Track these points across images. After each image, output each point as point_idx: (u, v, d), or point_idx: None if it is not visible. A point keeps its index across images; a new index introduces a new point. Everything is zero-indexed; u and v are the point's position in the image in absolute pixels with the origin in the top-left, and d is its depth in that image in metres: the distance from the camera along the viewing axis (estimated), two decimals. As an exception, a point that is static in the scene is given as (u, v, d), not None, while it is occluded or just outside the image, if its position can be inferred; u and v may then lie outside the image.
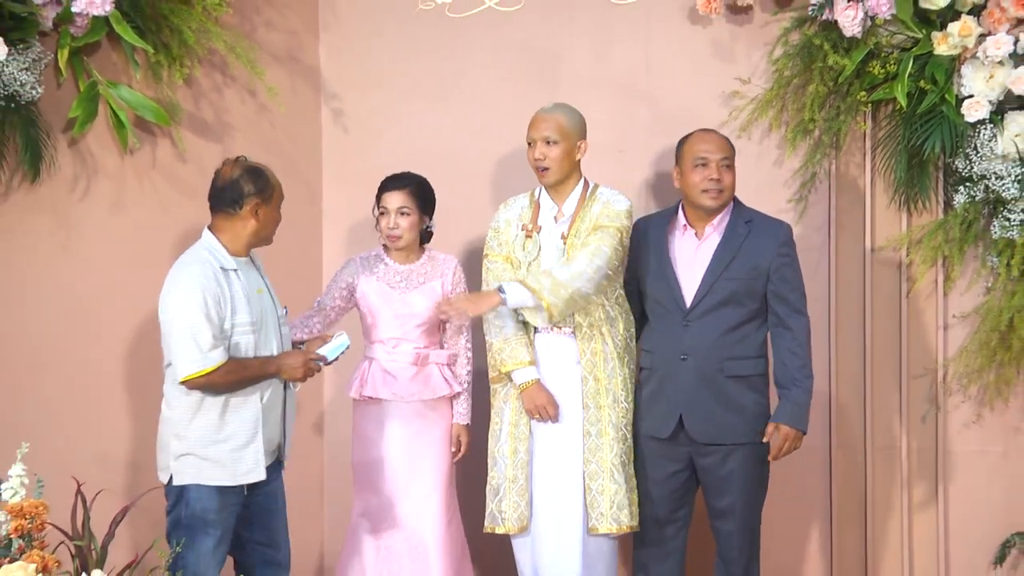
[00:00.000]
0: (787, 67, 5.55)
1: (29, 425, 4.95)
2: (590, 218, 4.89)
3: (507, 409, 4.91)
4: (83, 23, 5.18)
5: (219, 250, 4.43)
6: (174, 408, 4.40)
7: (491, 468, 4.97)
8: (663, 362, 4.82)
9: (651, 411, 4.88)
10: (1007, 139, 5.11)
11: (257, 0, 5.87)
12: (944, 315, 5.51)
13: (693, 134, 4.96)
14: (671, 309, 4.81)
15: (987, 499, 5.47)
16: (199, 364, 4.23)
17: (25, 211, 5.28)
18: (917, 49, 5.26)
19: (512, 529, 4.87)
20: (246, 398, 4.37)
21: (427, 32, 5.97)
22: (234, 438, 4.35)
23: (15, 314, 5.29)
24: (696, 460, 4.83)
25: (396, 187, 5.06)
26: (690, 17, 5.73)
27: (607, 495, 4.79)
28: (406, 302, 4.99)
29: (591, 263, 4.72)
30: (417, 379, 4.99)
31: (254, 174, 4.49)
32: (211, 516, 4.31)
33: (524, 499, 4.86)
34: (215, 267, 4.37)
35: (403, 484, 4.99)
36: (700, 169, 4.80)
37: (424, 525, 4.98)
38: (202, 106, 5.76)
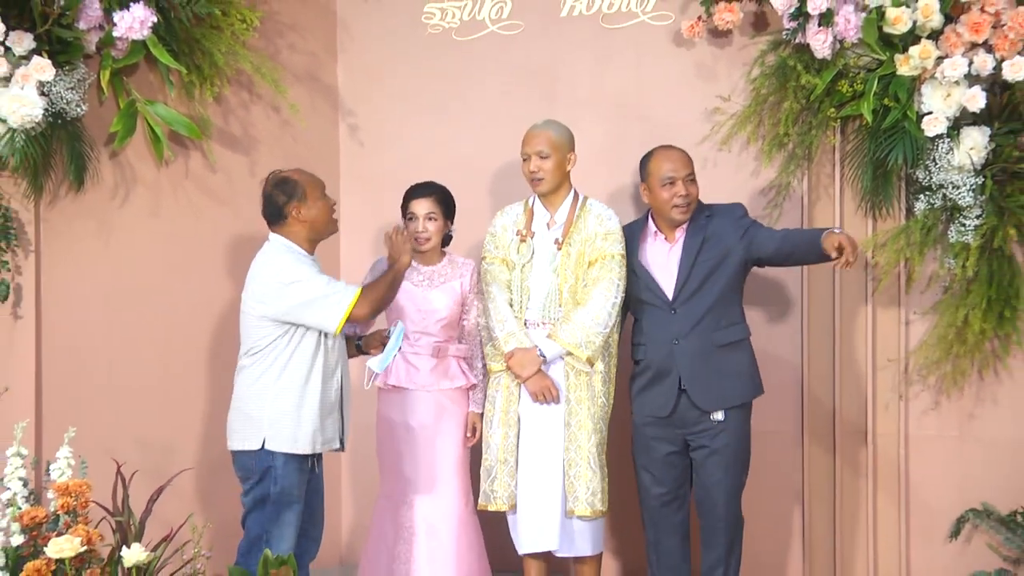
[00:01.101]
0: (764, 86, 5.54)
1: (74, 411, 5.02)
2: (585, 231, 4.90)
3: (499, 398, 4.93)
4: (123, 46, 5.23)
5: (296, 248, 4.53)
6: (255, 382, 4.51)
7: (485, 451, 4.99)
8: (657, 348, 4.84)
9: (650, 394, 4.88)
10: (963, 152, 5.10)
11: (280, 25, 5.88)
12: (906, 312, 5.50)
13: (656, 153, 4.97)
14: (657, 304, 4.85)
15: (944, 479, 5.46)
16: (346, 298, 4.38)
17: (71, 216, 5.32)
18: (881, 70, 5.24)
19: (503, 506, 4.89)
20: (324, 377, 4.47)
21: (435, 54, 5.99)
22: (314, 409, 4.42)
23: (62, 310, 5.32)
24: (690, 440, 4.86)
25: (424, 194, 5.05)
26: (675, 41, 5.73)
27: (583, 481, 4.82)
28: (428, 299, 5.01)
29: (608, 300, 4.82)
30: (437, 370, 5.01)
31: (281, 183, 4.53)
32: (295, 491, 4.42)
33: (513, 480, 4.89)
34: (299, 253, 4.51)
35: (423, 467, 5.00)
36: (668, 187, 4.84)
37: (441, 505, 4.98)
38: (230, 121, 5.78)
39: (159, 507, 4.14)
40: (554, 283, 4.89)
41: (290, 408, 4.41)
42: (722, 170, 5.65)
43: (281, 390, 4.43)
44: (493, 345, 4.97)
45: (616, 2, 5.81)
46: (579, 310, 4.82)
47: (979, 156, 5.11)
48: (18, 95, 4.88)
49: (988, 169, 5.16)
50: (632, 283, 4.92)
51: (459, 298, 5.06)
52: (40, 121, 4.95)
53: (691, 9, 5.67)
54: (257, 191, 5.72)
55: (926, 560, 5.51)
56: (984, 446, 5.38)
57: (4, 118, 4.92)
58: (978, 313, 5.15)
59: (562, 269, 4.89)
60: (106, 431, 5.02)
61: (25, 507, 3.92)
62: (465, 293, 5.09)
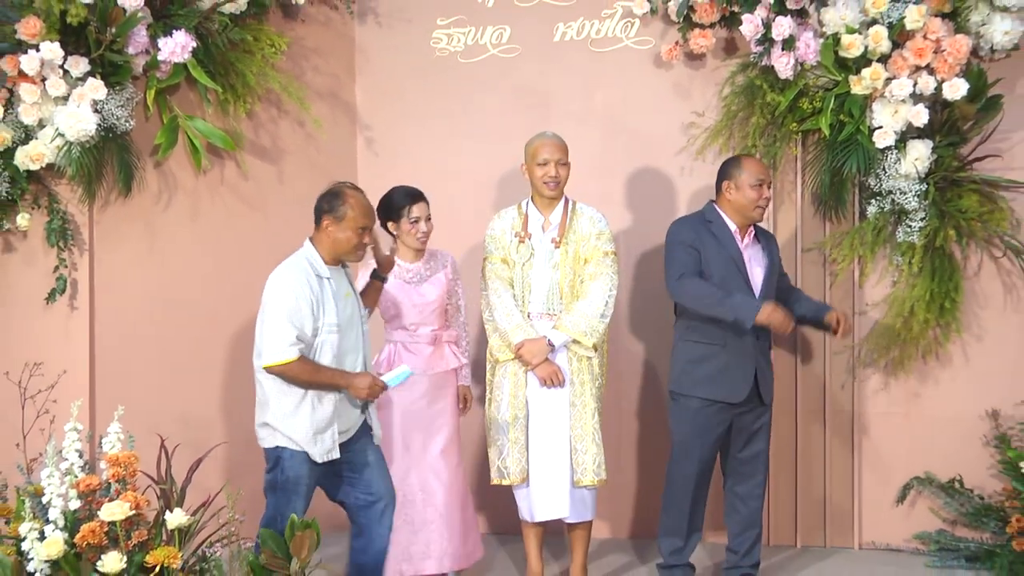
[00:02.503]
0: (733, 103, 5.56)
1: (124, 392, 5.02)
2: (579, 231, 4.86)
3: (506, 384, 4.88)
4: (166, 69, 5.24)
5: (317, 259, 4.22)
6: (264, 388, 4.25)
7: (492, 432, 4.92)
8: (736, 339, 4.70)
9: (722, 380, 4.72)
10: (909, 162, 5.12)
11: (305, 49, 5.88)
12: (859, 303, 5.51)
13: (747, 159, 4.85)
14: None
15: (892, 451, 5.49)
16: (278, 356, 4.07)
17: (120, 220, 5.35)
18: (837, 89, 5.25)
19: (515, 480, 4.83)
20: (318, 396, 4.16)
21: (442, 75, 5.99)
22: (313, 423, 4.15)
23: (112, 302, 5.35)
24: (735, 420, 4.80)
25: (422, 199, 4.93)
26: (656, 63, 5.74)
27: (590, 455, 4.80)
28: (421, 293, 4.92)
29: (606, 293, 4.79)
30: (434, 356, 4.97)
31: (331, 194, 4.26)
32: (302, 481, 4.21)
33: (524, 456, 4.84)
34: (311, 274, 4.16)
35: (422, 440, 4.96)
36: (757, 188, 4.73)
37: (439, 469, 4.95)
38: (260, 135, 5.78)
39: (198, 476, 4.13)
40: (554, 278, 4.85)
41: (290, 411, 4.18)
42: (697, 177, 5.66)
43: (281, 395, 4.20)
44: (500, 336, 4.89)
45: (603, 28, 5.81)
46: (580, 302, 4.79)
47: (923, 165, 5.13)
48: (74, 112, 4.92)
49: (931, 177, 5.19)
50: (723, 270, 4.73)
51: (446, 286, 4.99)
52: (93, 135, 4.98)
53: (669, 35, 5.68)
54: (284, 197, 5.81)
55: (876, 521, 5.54)
56: (927, 422, 5.41)
57: (62, 132, 4.96)
58: (922, 304, 5.18)
59: (561, 265, 4.86)
60: (151, 409, 5.02)
61: (81, 476, 3.90)
62: (449, 281, 5.02)
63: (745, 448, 4.88)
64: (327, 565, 4.15)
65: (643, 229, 5.74)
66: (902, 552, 5.45)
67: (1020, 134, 5.34)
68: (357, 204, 4.21)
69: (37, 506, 3.86)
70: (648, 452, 5.76)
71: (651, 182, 5.76)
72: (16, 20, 4.89)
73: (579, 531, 4.97)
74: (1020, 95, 5.36)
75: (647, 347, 5.81)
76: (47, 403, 4.71)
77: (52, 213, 5.21)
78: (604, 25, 5.81)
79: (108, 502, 3.78)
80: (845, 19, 5.15)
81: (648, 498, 5.59)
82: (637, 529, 5.83)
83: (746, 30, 5.30)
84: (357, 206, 4.20)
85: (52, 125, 5.01)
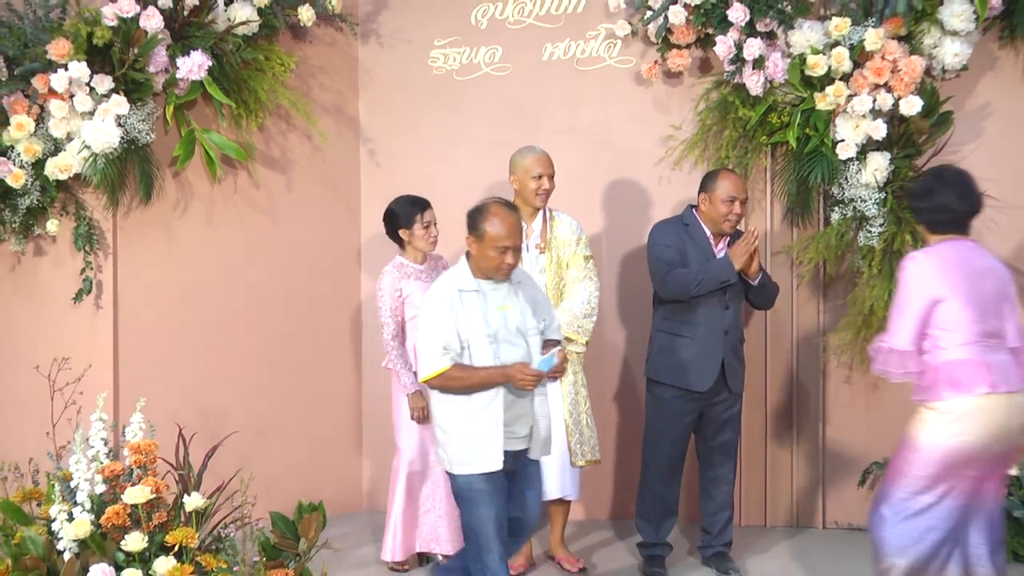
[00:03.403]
0: (708, 117, 5.57)
1: (145, 384, 5.07)
2: (560, 237, 4.89)
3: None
4: (184, 86, 5.25)
5: (463, 273, 3.88)
6: (434, 403, 3.98)
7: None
8: (709, 336, 4.73)
9: (692, 371, 4.73)
10: (869, 172, 5.15)
11: (313, 67, 5.88)
12: (824, 302, 5.56)
13: (723, 174, 4.81)
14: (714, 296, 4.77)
15: (853, 438, 5.52)
16: (431, 367, 3.79)
17: (141, 225, 5.37)
18: (804, 105, 5.27)
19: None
20: (486, 399, 3.81)
21: (439, 92, 5.99)
22: (477, 431, 3.81)
23: (134, 301, 5.36)
24: (705, 410, 4.82)
25: (430, 205, 4.90)
26: (636, 81, 5.75)
27: (585, 438, 4.88)
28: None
29: (591, 294, 4.88)
30: None
31: (475, 210, 3.91)
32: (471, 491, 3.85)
33: None
34: (453, 289, 3.85)
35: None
36: (728, 204, 4.72)
37: None
38: (271, 147, 5.78)
39: (213, 463, 4.15)
40: (542, 281, 4.86)
41: (453, 424, 3.89)
42: (675, 186, 5.68)
43: (444, 411, 3.92)
44: None
45: (588, 49, 5.82)
46: (567, 303, 4.85)
47: (882, 176, 5.16)
48: (99, 126, 4.94)
49: (889, 186, 5.22)
50: (698, 267, 4.74)
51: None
52: (117, 147, 5.00)
53: (649, 55, 5.70)
54: (293, 204, 5.81)
55: (840, 502, 5.58)
56: (885, 412, 5.43)
57: (89, 145, 4.98)
58: (881, 303, 5.16)
59: (548, 269, 4.89)
60: (170, 400, 5.05)
61: (106, 462, 3.93)
62: None
63: (716, 436, 4.92)
64: (333, 545, 4.15)
65: (624, 233, 5.77)
66: (863, 531, 5.38)
67: (969, 147, 5.38)
68: (497, 222, 3.80)
69: (66, 490, 3.89)
70: (626, 437, 5.79)
71: (632, 190, 5.78)
72: (47, 42, 4.91)
73: (563, 506, 5.02)
74: (969, 112, 5.42)
75: (627, 340, 5.84)
76: (74, 395, 4.74)
77: (79, 219, 5.24)
78: (589, 45, 5.82)
79: (131, 486, 3.80)
80: (810, 41, 5.18)
81: (627, 480, 5.62)
82: (617, 510, 5.86)
83: (720, 50, 5.32)
84: (497, 224, 3.79)
85: (79, 138, 5.03)
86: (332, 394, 6.00)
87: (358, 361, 6.09)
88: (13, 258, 5.39)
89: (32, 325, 5.38)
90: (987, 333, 3.69)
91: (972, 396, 3.61)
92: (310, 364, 5.90)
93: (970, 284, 3.70)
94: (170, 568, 3.65)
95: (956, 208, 3.79)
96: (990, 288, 3.74)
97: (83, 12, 5.00)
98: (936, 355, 3.71)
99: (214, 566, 3.75)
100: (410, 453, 4.93)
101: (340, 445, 6.02)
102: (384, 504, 5.42)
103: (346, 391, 6.05)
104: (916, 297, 3.71)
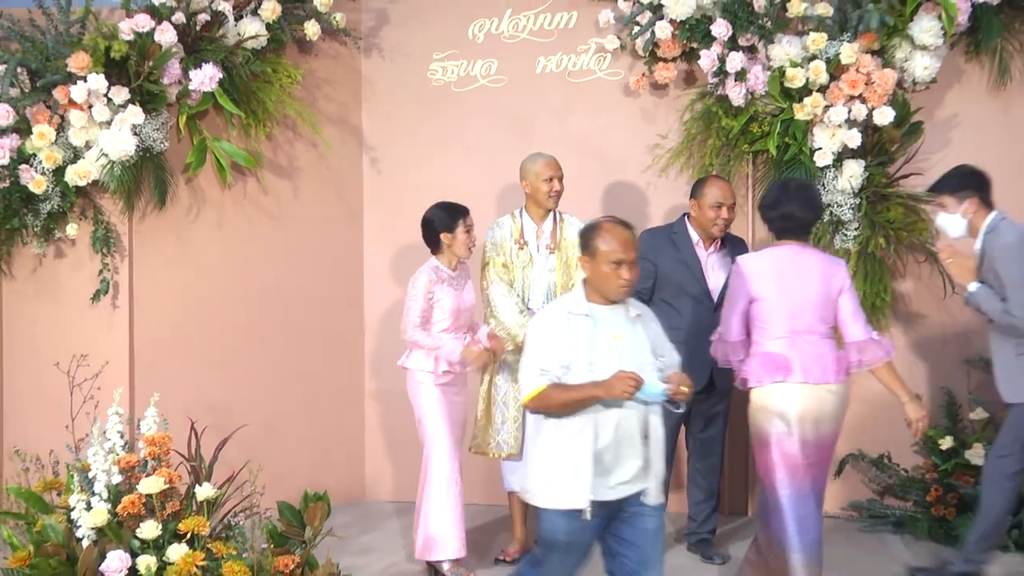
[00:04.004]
0: (693, 127, 5.58)
1: (159, 381, 5.06)
2: (569, 237, 4.87)
3: (506, 369, 4.86)
4: (196, 97, 5.27)
5: (577, 297, 3.48)
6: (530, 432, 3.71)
7: (491, 410, 4.86)
8: (697, 338, 4.56)
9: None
10: (844, 179, 5.17)
11: (318, 79, 5.88)
12: (802, 302, 5.57)
13: (711, 180, 4.87)
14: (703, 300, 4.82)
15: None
16: (529, 388, 3.40)
17: (156, 229, 5.37)
18: (783, 115, 5.28)
19: (515, 453, 4.81)
20: (578, 426, 3.36)
21: (438, 102, 6.00)
22: (563, 460, 3.38)
23: (149, 301, 5.37)
24: (694, 406, 4.81)
25: (469, 211, 4.77)
26: (625, 92, 5.77)
27: None
28: (463, 299, 4.72)
29: None
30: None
31: (586, 230, 3.52)
32: (558, 537, 3.41)
33: (521, 432, 4.83)
34: (562, 311, 3.44)
35: (458, 431, 4.77)
36: (716, 209, 4.77)
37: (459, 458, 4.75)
38: (278, 155, 5.79)
39: (223, 455, 4.14)
40: (551, 280, 4.88)
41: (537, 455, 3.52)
42: (662, 191, 5.69)
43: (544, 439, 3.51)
44: (503, 330, 4.82)
45: (579, 62, 5.83)
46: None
47: (856, 182, 5.18)
48: (116, 135, 4.96)
49: (863, 192, 5.24)
50: (680, 274, 4.80)
51: (474, 291, 4.86)
52: (133, 155, 5.01)
53: (637, 67, 5.72)
54: (299, 209, 5.81)
55: (817, 493, 5.59)
56: (860, 405, 5.30)
57: (106, 153, 4.99)
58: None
59: (557, 268, 4.89)
60: (183, 396, 5.02)
61: (122, 454, 3.92)
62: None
63: (704, 430, 4.96)
64: (337, 533, 4.15)
65: None
66: (838, 518, 5.50)
67: (939, 155, 5.40)
68: (609, 237, 3.40)
69: (84, 480, 3.89)
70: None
71: (621, 196, 5.79)
72: (67, 55, 4.93)
73: None
74: (938, 122, 5.46)
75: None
76: (92, 390, 4.74)
77: (97, 223, 5.25)
78: (580, 59, 5.84)
79: (146, 477, 3.81)
80: (789, 55, 5.21)
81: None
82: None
83: (704, 64, 5.34)
84: (608, 239, 3.40)
85: (97, 146, 5.04)
86: (335, 390, 6.01)
87: (360, 358, 6.10)
88: (35, 260, 5.41)
89: (52, 323, 5.39)
90: (799, 330, 3.93)
91: (784, 384, 3.89)
92: (315, 361, 5.90)
93: (787, 286, 3.95)
94: (183, 555, 3.66)
95: (799, 216, 4.01)
96: (810, 290, 3.95)
97: (101, 27, 5.02)
98: (756, 346, 4.01)
99: (224, 553, 3.75)
100: (443, 443, 4.70)
101: (343, 439, 6.04)
102: (385, 494, 5.47)
103: (349, 387, 6.06)
104: (739, 295, 4.03)
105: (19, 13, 5.20)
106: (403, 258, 5.87)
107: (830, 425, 3.96)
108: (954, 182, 4.42)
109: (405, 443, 5.91)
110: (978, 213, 4.37)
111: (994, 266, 4.27)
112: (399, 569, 4.82)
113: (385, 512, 5.81)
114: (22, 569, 3.76)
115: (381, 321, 6.05)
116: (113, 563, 3.63)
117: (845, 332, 4.03)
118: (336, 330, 6.01)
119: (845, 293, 4.01)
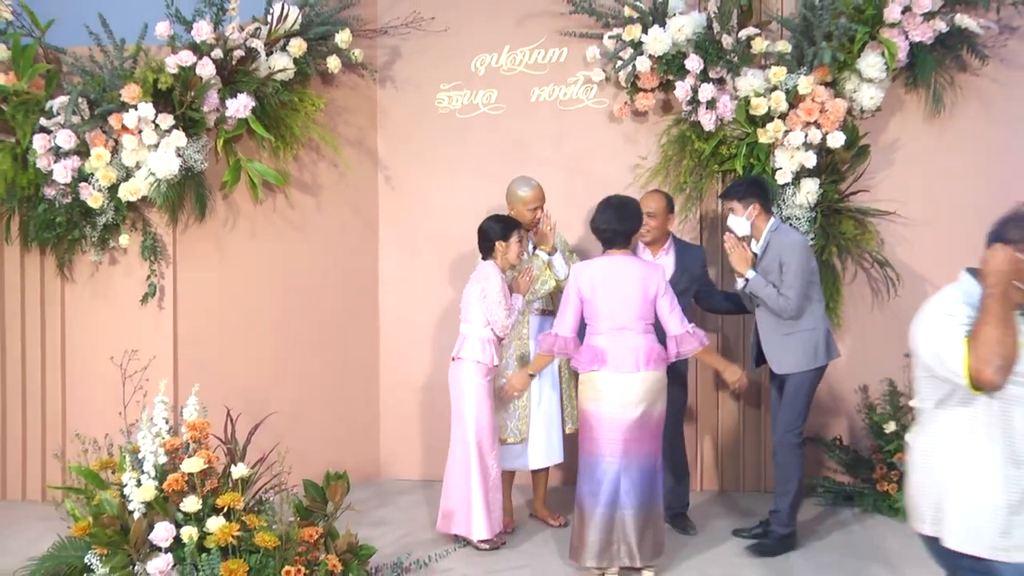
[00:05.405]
0: (669, 149, 5.58)
1: (199, 373, 5.10)
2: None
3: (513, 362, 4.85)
4: (232, 122, 5.29)
5: (968, 283, 2.50)
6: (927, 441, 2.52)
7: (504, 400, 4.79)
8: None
9: None
10: (802, 195, 5.19)
11: (339, 107, 5.87)
12: (765, 304, 5.58)
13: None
14: None
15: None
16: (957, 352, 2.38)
17: (196, 240, 5.40)
18: (748, 139, 5.30)
19: (524, 438, 4.80)
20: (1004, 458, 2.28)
21: (444, 128, 5.97)
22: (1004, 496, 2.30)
23: (191, 303, 5.38)
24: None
25: (521, 225, 4.71)
26: (609, 118, 5.76)
27: (572, 407, 4.89)
28: (514, 303, 4.66)
29: None
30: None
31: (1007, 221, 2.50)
32: None
33: (527, 419, 4.81)
34: (958, 298, 2.48)
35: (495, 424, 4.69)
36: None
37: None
38: (303, 174, 5.78)
39: (255, 439, 4.14)
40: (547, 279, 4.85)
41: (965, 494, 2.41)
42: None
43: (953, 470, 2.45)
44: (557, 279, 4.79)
45: (568, 92, 5.82)
46: None
47: (812, 198, 5.20)
48: (163, 157, 4.99)
49: (818, 207, 5.26)
50: None
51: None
52: (176, 174, 5.04)
53: (620, 97, 5.71)
54: (323, 222, 5.79)
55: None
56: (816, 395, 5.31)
57: (154, 172, 5.03)
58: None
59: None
60: (221, 386, 5.04)
61: (167, 438, 3.95)
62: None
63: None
64: (356, 507, 4.16)
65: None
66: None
67: (883, 174, 5.45)
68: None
69: (135, 461, 3.92)
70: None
71: (606, 210, 5.77)
72: (121, 87, 4.98)
73: (544, 473, 5.02)
74: (883, 145, 5.48)
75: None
76: (141, 381, 4.81)
77: (145, 234, 5.28)
78: (569, 89, 5.83)
79: (188, 458, 3.83)
80: (753, 86, 5.23)
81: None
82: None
83: (679, 93, 5.35)
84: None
85: (146, 166, 5.07)
86: (354, 381, 6.00)
87: (376, 353, 6.08)
88: (92, 266, 5.44)
89: (107, 322, 5.42)
90: (617, 327, 4.10)
91: (599, 372, 4.07)
92: (336, 356, 5.90)
93: (608, 289, 4.12)
94: (220, 526, 3.68)
95: (617, 228, 4.19)
96: (628, 293, 4.11)
97: (150, 62, 5.06)
98: (586, 340, 4.19)
99: (256, 524, 3.77)
100: (487, 432, 4.58)
101: (361, 424, 6.03)
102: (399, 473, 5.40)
103: (366, 379, 6.05)
104: (571, 297, 4.19)
105: (80, 51, 5.24)
106: (414, 264, 5.91)
107: (642, 406, 4.07)
108: (740, 190, 4.58)
109: (416, 427, 6.00)
110: (760, 216, 4.55)
111: (780, 258, 4.44)
112: (411, 539, 4.81)
113: (399, 488, 5.82)
114: (83, 537, 3.80)
115: (394, 320, 6.06)
116: (160, 533, 3.66)
117: (665, 328, 4.17)
118: (355, 328, 6.01)
119: (662, 296, 4.15)
